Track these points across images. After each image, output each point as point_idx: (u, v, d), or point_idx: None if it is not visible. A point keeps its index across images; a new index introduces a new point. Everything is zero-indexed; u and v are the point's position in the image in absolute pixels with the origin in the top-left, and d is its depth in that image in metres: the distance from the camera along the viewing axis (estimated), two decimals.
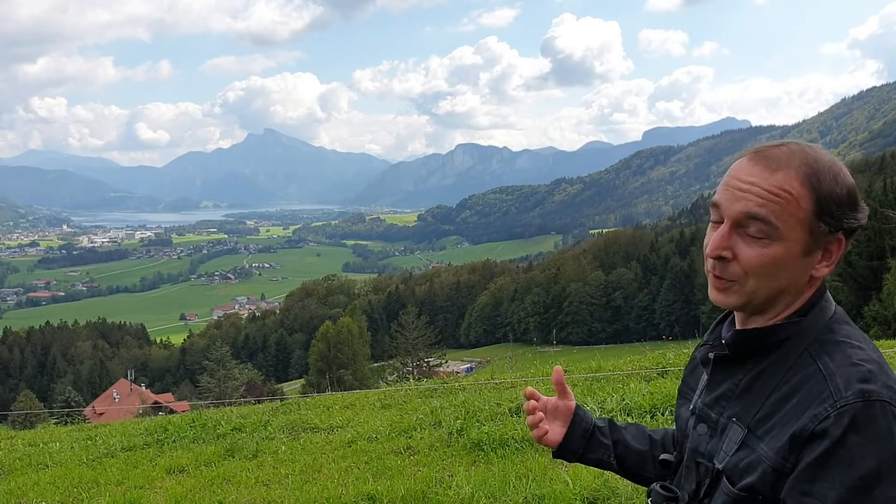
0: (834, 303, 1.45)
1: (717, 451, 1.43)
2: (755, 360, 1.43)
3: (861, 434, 1.22)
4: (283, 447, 7.27)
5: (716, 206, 1.42)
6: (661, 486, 1.58)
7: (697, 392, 1.59)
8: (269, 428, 8.44)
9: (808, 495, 1.24)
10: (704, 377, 1.57)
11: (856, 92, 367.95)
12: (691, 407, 1.59)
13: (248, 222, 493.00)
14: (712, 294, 1.45)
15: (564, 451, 1.80)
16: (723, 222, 1.40)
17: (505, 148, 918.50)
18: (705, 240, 1.44)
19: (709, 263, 1.43)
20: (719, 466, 1.40)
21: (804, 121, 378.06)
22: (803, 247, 1.36)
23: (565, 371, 10.16)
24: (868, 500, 1.19)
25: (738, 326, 1.50)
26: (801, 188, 1.34)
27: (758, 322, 1.45)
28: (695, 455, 1.51)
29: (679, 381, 1.76)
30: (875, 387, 1.25)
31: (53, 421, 33.68)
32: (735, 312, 1.52)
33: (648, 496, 1.63)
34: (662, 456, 1.72)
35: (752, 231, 1.36)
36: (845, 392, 1.25)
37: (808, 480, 1.25)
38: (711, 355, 1.51)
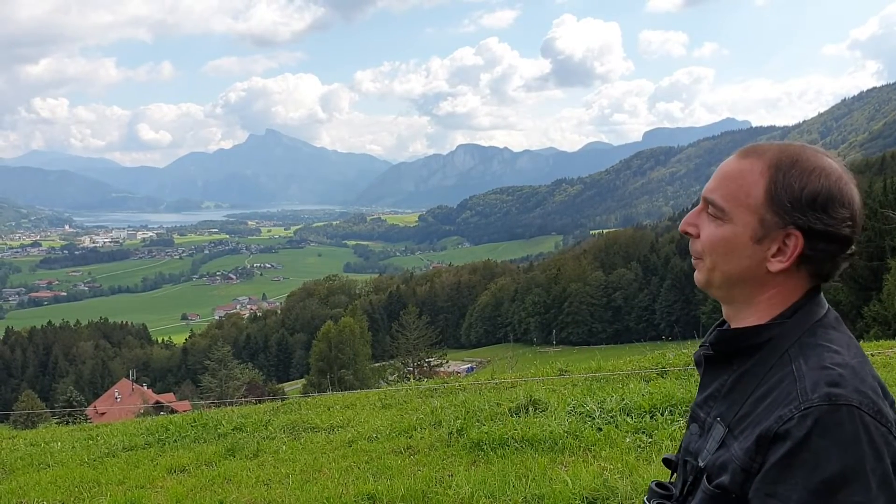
0: (827, 307, 1.45)
1: (702, 449, 1.46)
2: (741, 361, 1.45)
3: (825, 437, 1.22)
4: (284, 447, 7.29)
5: None
6: (656, 484, 1.62)
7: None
8: (270, 427, 8.46)
9: (772, 496, 1.26)
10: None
11: (856, 93, 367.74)
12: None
13: (250, 223, 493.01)
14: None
15: None
16: None
17: (506, 148, 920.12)
18: None
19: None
20: (701, 464, 1.43)
21: (804, 121, 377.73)
22: (751, 233, 1.39)
23: (565, 371, 10.22)
24: None
25: (726, 327, 1.54)
26: (759, 176, 1.39)
27: (740, 322, 1.48)
28: (685, 454, 1.55)
29: (678, 382, 1.83)
30: (843, 391, 1.26)
31: (55, 421, 33.77)
32: (724, 313, 1.55)
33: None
34: (665, 455, 1.74)
35: (710, 211, 1.45)
36: (811, 394, 1.27)
37: (772, 482, 1.26)
38: (702, 356, 1.56)
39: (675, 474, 1.67)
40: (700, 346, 1.61)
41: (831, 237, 1.37)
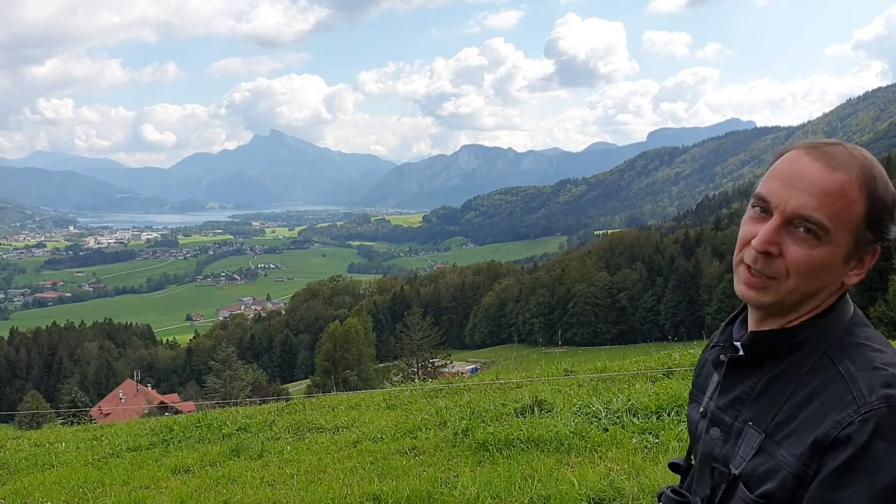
0: (852, 304, 1.41)
1: (733, 455, 1.39)
2: (772, 363, 1.39)
3: (887, 440, 1.18)
4: (289, 447, 7.27)
5: (763, 199, 1.35)
6: (671, 491, 1.56)
7: (708, 395, 1.54)
8: (275, 428, 8.44)
9: (832, 503, 1.21)
10: (715, 379, 1.52)
11: (861, 93, 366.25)
12: (701, 410, 1.55)
13: (254, 223, 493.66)
14: (741, 289, 1.39)
15: None
16: (770, 216, 1.34)
17: (510, 149, 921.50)
18: (741, 231, 1.39)
19: (749, 256, 1.36)
20: (735, 472, 1.36)
21: (809, 122, 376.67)
22: (846, 252, 1.32)
23: (570, 371, 10.18)
24: None
25: (752, 327, 1.46)
26: (858, 193, 1.29)
27: (773, 324, 1.41)
28: (708, 460, 1.47)
29: (685, 382, 1.79)
30: None
31: (60, 421, 33.79)
32: (751, 312, 1.47)
33: (659, 500, 1.61)
34: (672, 460, 1.69)
35: (802, 230, 1.31)
36: (869, 397, 1.22)
37: (833, 488, 1.21)
38: (724, 357, 1.47)
39: (684, 480, 1.63)
40: (712, 347, 1.55)
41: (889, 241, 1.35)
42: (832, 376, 1.29)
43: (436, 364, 54.51)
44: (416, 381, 15.75)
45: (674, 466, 1.68)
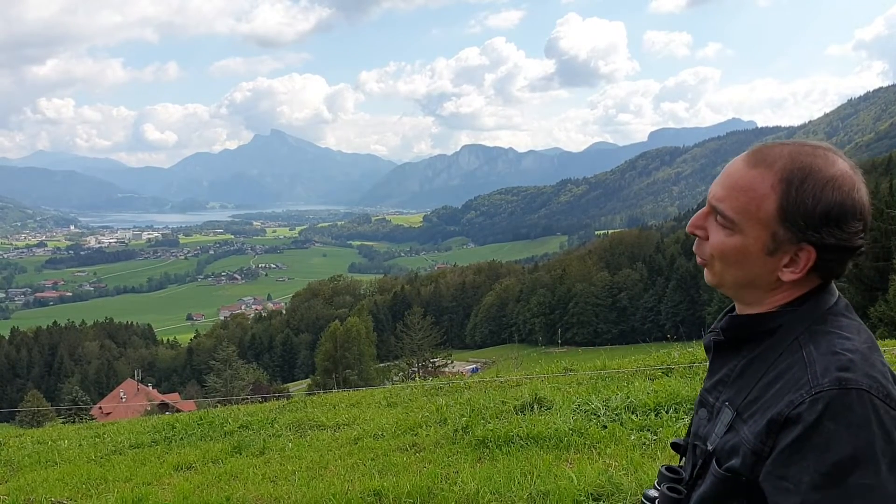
0: (838, 295, 1.46)
1: (711, 433, 1.47)
2: (750, 347, 1.47)
3: (836, 421, 1.24)
4: (290, 444, 7.32)
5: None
6: (666, 468, 1.62)
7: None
8: (276, 425, 8.50)
9: (783, 479, 1.27)
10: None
11: (862, 93, 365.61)
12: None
13: (255, 223, 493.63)
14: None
15: None
16: None
17: (510, 149, 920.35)
18: None
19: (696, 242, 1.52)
20: (710, 448, 1.45)
21: (810, 122, 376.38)
22: (763, 246, 1.39)
23: (570, 369, 10.22)
24: (842, 487, 1.21)
25: (736, 313, 1.55)
26: (770, 190, 1.37)
27: (750, 311, 1.49)
28: (694, 438, 1.57)
29: (683, 380, 1.82)
30: (854, 375, 1.28)
31: (60, 420, 33.88)
32: (735, 303, 1.56)
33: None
34: (673, 440, 1.74)
35: (718, 218, 1.43)
36: (822, 379, 1.28)
37: (783, 465, 1.28)
38: (712, 342, 1.56)
39: (683, 459, 1.68)
40: (709, 332, 1.61)
41: (843, 249, 1.37)
42: (796, 360, 1.36)
43: (436, 364, 54.56)
44: (417, 380, 15.77)
45: (675, 446, 1.73)
